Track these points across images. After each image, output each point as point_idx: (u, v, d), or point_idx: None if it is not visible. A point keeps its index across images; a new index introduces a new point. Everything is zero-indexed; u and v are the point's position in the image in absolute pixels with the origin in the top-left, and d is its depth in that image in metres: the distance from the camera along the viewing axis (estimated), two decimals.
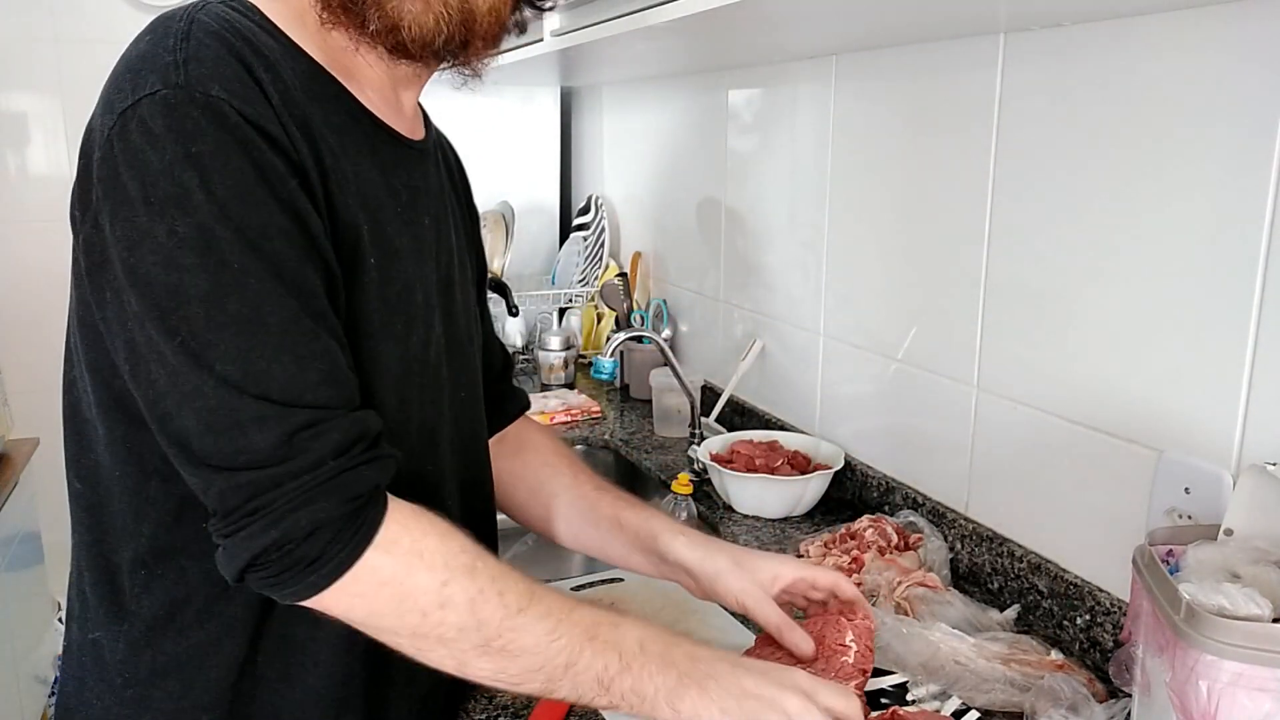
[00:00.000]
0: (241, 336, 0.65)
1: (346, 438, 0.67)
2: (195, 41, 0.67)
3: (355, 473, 0.67)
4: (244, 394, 0.64)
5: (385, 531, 0.68)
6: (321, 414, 0.66)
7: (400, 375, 0.79)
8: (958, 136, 1.22)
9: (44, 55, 2.23)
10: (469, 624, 0.69)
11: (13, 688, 1.81)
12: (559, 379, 2.18)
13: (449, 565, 0.68)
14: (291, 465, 0.65)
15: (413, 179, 0.83)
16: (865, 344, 1.45)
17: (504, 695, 0.99)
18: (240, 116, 0.66)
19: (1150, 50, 0.96)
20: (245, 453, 0.65)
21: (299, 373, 0.66)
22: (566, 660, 0.71)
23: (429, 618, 0.68)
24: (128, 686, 0.77)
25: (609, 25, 1.26)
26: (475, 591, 0.68)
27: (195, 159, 0.64)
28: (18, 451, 1.95)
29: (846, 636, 0.91)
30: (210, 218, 0.64)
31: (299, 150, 0.70)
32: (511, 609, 0.69)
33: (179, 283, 0.64)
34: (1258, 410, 0.89)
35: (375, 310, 0.76)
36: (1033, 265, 1.12)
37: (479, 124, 2.45)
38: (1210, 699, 0.67)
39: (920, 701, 0.91)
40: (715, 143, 1.87)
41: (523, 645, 0.70)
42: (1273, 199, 0.86)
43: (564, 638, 0.71)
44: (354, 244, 0.74)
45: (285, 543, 0.65)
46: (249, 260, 0.65)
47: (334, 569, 0.66)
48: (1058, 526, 1.12)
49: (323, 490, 0.65)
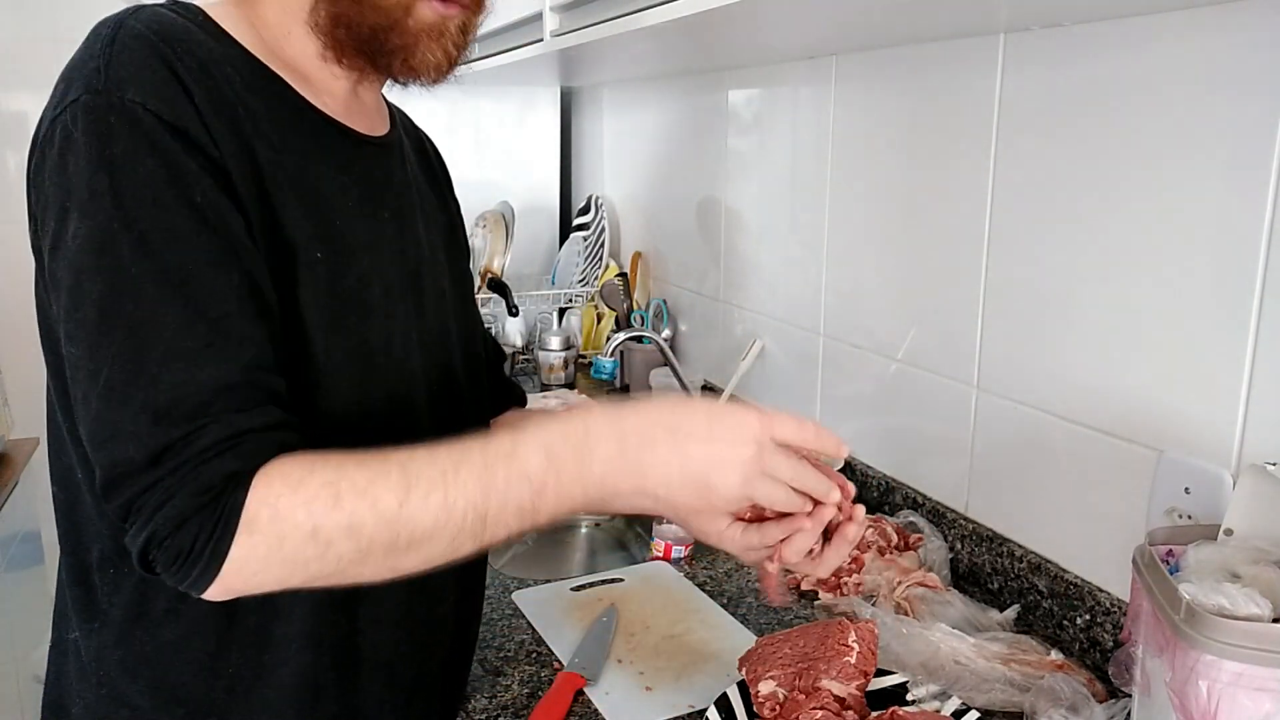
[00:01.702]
0: (133, 342, 0.65)
1: (217, 436, 0.66)
2: (119, 45, 0.68)
3: (209, 465, 0.65)
4: (128, 402, 0.64)
5: (247, 514, 0.65)
6: (202, 420, 0.66)
7: (358, 369, 0.79)
8: (958, 136, 1.22)
9: (44, 55, 2.23)
10: (362, 546, 0.67)
11: (13, 688, 1.81)
12: (559, 379, 2.18)
13: (310, 511, 0.66)
14: (161, 469, 0.65)
15: (370, 174, 0.83)
16: (865, 344, 1.45)
17: (504, 694, 0.99)
18: (155, 118, 0.66)
19: (1150, 50, 0.96)
20: (121, 465, 0.65)
21: (189, 379, 0.65)
22: (476, 516, 0.68)
23: (326, 560, 0.67)
24: (103, 685, 0.78)
25: (609, 25, 1.26)
26: (346, 518, 0.66)
27: (106, 162, 0.65)
28: (18, 451, 1.95)
29: (850, 637, 0.92)
30: (113, 220, 0.65)
31: (222, 149, 0.69)
32: (392, 509, 0.66)
33: (78, 285, 0.65)
34: (1258, 410, 0.89)
35: (325, 304, 0.75)
36: (1032, 265, 1.12)
37: (479, 124, 2.45)
38: (1210, 699, 0.67)
39: (920, 701, 0.91)
40: (715, 143, 1.87)
41: (425, 529, 0.67)
42: (1273, 199, 0.86)
43: (460, 499, 0.67)
44: (294, 239, 0.74)
45: (158, 541, 0.65)
46: (147, 264, 0.65)
47: (210, 558, 0.65)
48: (1058, 526, 1.12)
49: (179, 483, 0.65)
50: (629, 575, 1.26)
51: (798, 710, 0.87)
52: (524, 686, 1.01)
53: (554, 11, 1.47)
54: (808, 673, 0.90)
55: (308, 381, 0.75)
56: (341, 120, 0.81)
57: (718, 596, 1.21)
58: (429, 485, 0.67)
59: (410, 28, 0.76)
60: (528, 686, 1.01)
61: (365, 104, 0.85)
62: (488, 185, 2.44)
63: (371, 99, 0.86)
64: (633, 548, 1.60)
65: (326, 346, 0.76)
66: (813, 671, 0.90)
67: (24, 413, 2.03)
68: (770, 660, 0.93)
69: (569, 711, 0.96)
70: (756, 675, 0.92)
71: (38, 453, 1.97)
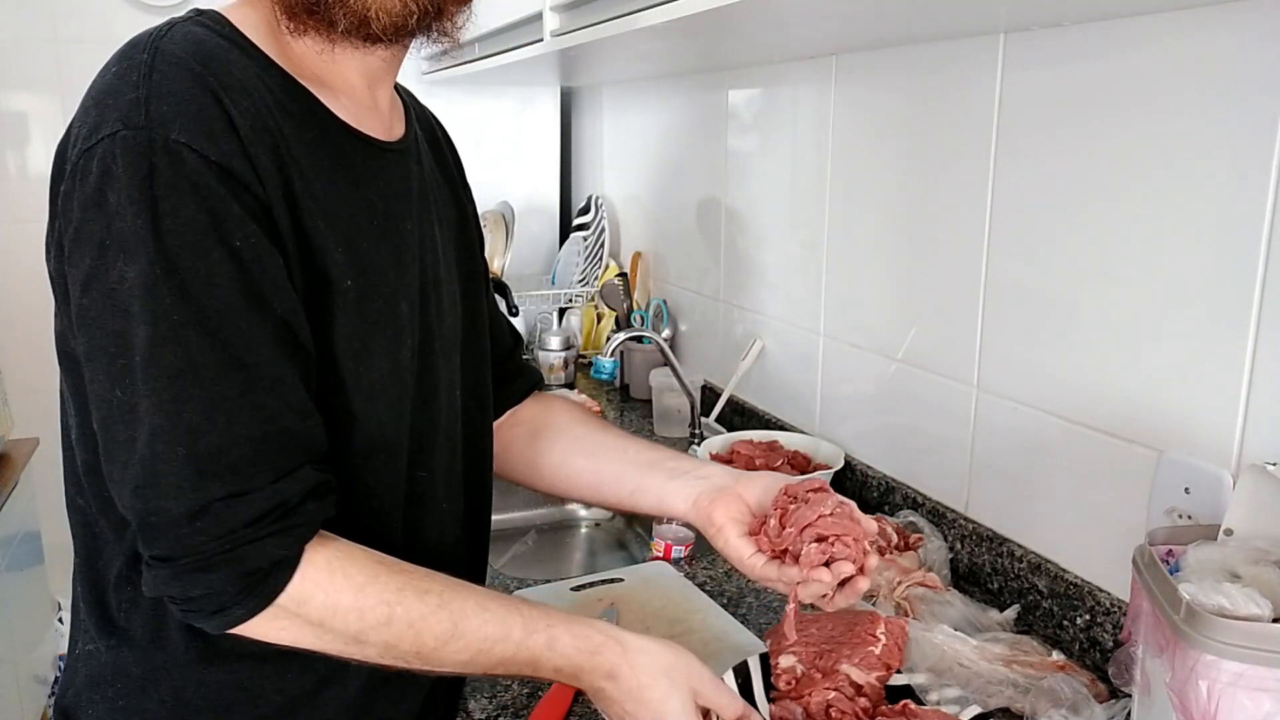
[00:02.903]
0: (174, 389, 0.65)
1: (260, 510, 0.67)
2: (159, 75, 0.67)
3: (258, 546, 0.67)
4: (170, 452, 0.65)
5: (296, 591, 0.69)
6: (243, 484, 0.66)
7: (390, 389, 0.79)
8: (958, 136, 1.22)
9: (44, 55, 2.23)
10: (384, 657, 0.74)
11: (13, 688, 1.81)
12: (559, 379, 2.18)
13: (362, 619, 0.71)
14: (199, 532, 0.66)
15: (391, 185, 0.82)
16: (865, 344, 1.45)
17: (505, 694, 0.99)
18: (201, 159, 0.65)
19: (1150, 50, 0.96)
20: (157, 514, 0.66)
21: (228, 432, 0.66)
22: (484, 670, 0.76)
23: (346, 651, 0.73)
24: (119, 698, 0.78)
25: (609, 25, 1.26)
26: (390, 638, 0.72)
27: (149, 204, 0.64)
28: (18, 451, 1.95)
29: (879, 628, 0.94)
30: (156, 265, 0.64)
31: (266, 184, 0.69)
32: (428, 649, 0.73)
33: (121, 329, 0.65)
34: (1258, 410, 0.89)
35: (357, 331, 0.76)
36: (1033, 265, 1.12)
37: (479, 124, 2.45)
38: (1210, 699, 0.67)
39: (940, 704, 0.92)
40: (715, 143, 1.87)
41: (440, 665, 0.75)
42: (1273, 199, 0.86)
43: (483, 661, 0.75)
44: (328, 270, 0.73)
45: (188, 599, 0.68)
46: (189, 311, 0.65)
47: (235, 620, 0.69)
48: (1058, 526, 1.12)
49: (222, 559, 0.66)
50: (629, 575, 1.26)
51: (812, 687, 0.89)
52: (524, 686, 1.01)
53: (554, 11, 1.47)
54: (830, 654, 0.93)
55: (341, 405, 0.76)
56: (361, 128, 0.80)
57: (718, 596, 1.21)
58: (466, 644, 0.74)
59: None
60: (527, 687, 1.01)
61: (381, 106, 0.83)
62: (488, 185, 2.44)
63: (386, 99, 0.84)
64: (633, 547, 1.60)
65: (360, 373, 0.76)
66: (835, 654, 0.92)
67: (24, 413, 2.03)
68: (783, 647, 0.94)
69: (569, 712, 0.96)
70: (779, 648, 0.94)
71: (38, 453, 1.97)
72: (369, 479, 0.79)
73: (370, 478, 0.79)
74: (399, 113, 0.88)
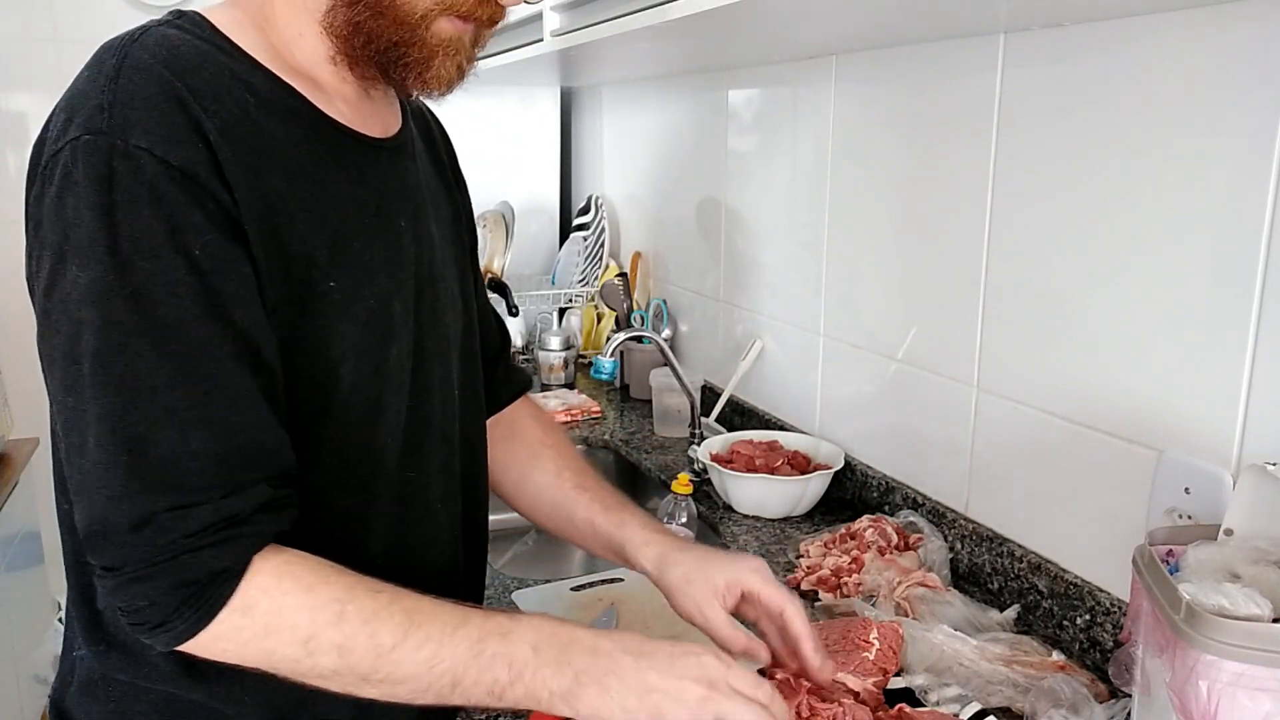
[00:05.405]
0: (121, 398, 0.64)
1: (204, 523, 0.66)
2: (125, 80, 0.66)
3: (196, 556, 0.65)
4: (113, 461, 0.64)
5: (240, 601, 0.67)
6: (189, 497, 0.65)
7: (378, 391, 0.79)
8: (958, 136, 1.22)
9: (44, 55, 2.24)
10: (340, 666, 0.69)
11: (13, 688, 1.81)
12: (559, 379, 2.18)
13: (313, 619, 0.68)
14: (144, 542, 0.65)
15: (385, 182, 0.81)
16: (865, 344, 1.45)
17: None
18: (161, 165, 0.64)
19: (1150, 50, 0.96)
20: (101, 523, 0.65)
21: (178, 444, 0.65)
22: (452, 680, 0.70)
23: (300, 664, 0.69)
24: (110, 700, 0.78)
25: (609, 25, 1.26)
26: (342, 638, 0.68)
27: (106, 210, 0.63)
28: (18, 451, 1.95)
29: (871, 634, 0.94)
30: (110, 272, 0.63)
31: (234, 188, 0.68)
32: (385, 646, 0.69)
33: (74, 335, 0.65)
34: (1258, 410, 0.89)
35: (343, 334, 0.75)
36: (1032, 265, 1.12)
37: (479, 124, 2.45)
38: (1210, 699, 0.67)
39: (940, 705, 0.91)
40: (715, 143, 1.87)
41: (403, 674, 0.70)
42: (1273, 199, 0.86)
43: (445, 661, 0.70)
44: (308, 272, 0.72)
45: (130, 610, 0.66)
46: (141, 320, 0.64)
47: (181, 635, 0.67)
48: (1057, 526, 1.12)
49: (160, 569, 0.65)
50: (629, 575, 1.26)
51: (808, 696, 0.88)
52: None
53: (554, 11, 1.47)
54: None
55: (323, 405, 0.75)
56: (355, 127, 0.79)
57: None
58: (425, 637, 0.70)
59: (428, 42, 0.74)
60: None
61: (376, 104, 0.83)
62: (488, 185, 2.44)
63: (381, 96, 0.84)
64: None
65: (345, 372, 0.75)
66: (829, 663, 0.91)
67: (24, 413, 2.03)
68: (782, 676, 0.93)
69: None
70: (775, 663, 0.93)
71: (38, 453, 1.97)
72: (353, 480, 0.78)
73: (354, 479, 0.78)
74: (395, 109, 0.87)
